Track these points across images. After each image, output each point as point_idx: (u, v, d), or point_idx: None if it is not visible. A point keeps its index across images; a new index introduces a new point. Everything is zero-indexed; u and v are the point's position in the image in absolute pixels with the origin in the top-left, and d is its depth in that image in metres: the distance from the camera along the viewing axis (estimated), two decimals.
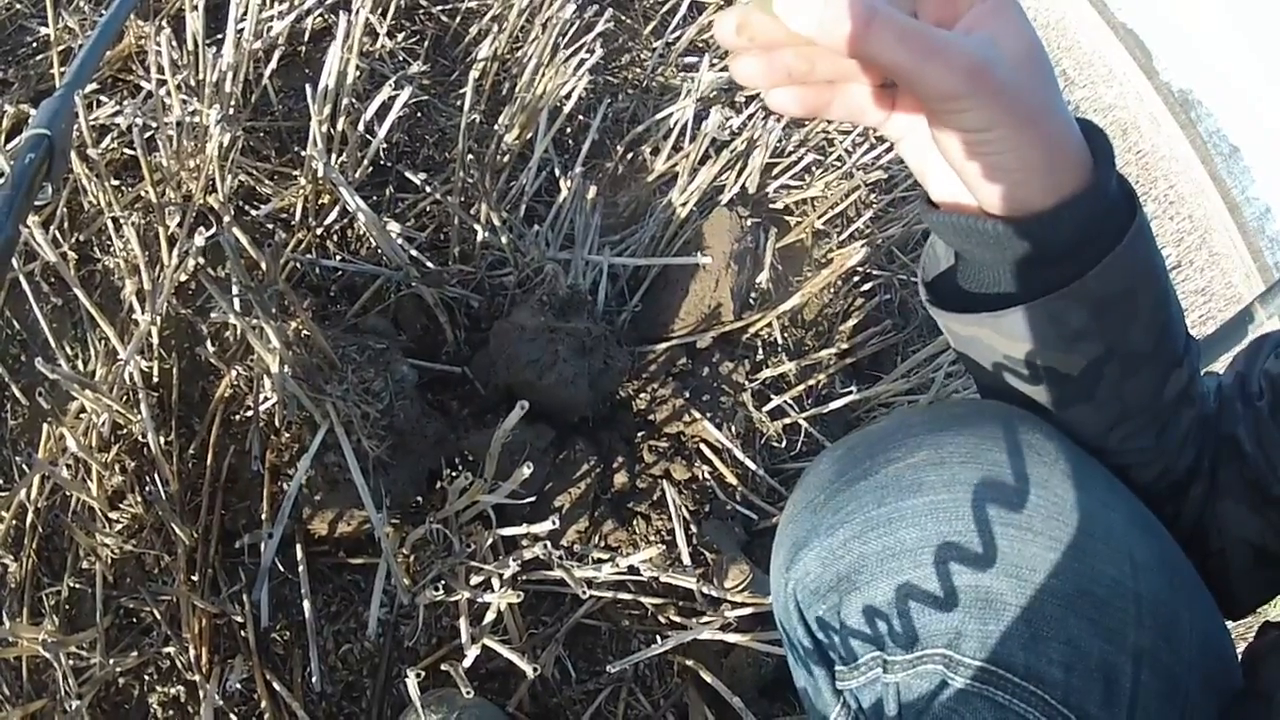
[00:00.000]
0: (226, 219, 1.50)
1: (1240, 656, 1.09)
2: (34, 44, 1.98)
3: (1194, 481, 1.12)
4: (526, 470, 1.27)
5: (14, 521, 1.48)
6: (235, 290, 1.59)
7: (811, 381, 2.31)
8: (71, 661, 1.38)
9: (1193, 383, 1.06)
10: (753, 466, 2.08)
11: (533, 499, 1.72)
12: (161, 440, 1.58)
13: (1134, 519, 1.04)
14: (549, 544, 1.49)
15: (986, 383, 1.09)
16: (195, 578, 1.54)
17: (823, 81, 0.86)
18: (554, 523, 1.37)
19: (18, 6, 1.99)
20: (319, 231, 1.94)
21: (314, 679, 1.51)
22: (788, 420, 2.23)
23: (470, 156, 2.11)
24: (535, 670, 1.36)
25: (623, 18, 3.05)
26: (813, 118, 0.94)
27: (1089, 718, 0.92)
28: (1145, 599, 0.96)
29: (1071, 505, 0.98)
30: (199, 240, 1.46)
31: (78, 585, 1.50)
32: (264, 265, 1.57)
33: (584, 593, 1.43)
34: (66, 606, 1.49)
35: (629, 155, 2.47)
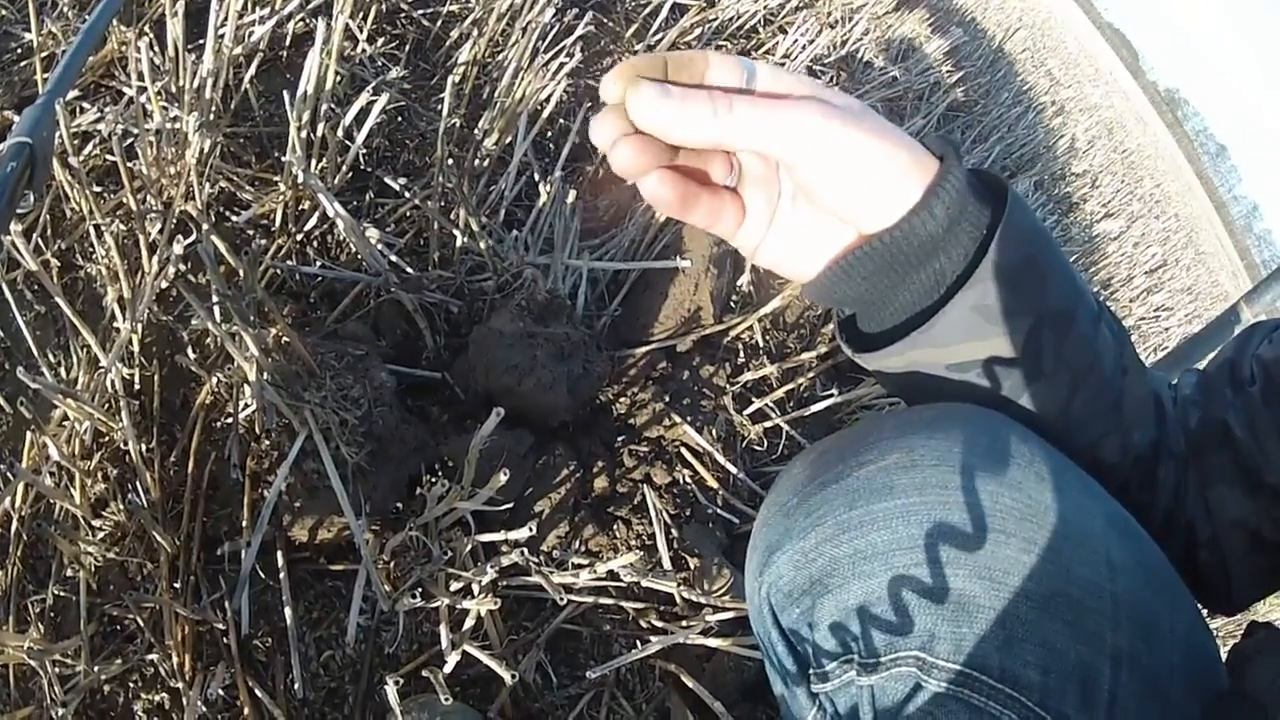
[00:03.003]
0: (205, 227, 1.50)
1: (1226, 657, 1.09)
2: (17, 49, 1.97)
3: (1160, 461, 1.14)
4: (503, 476, 1.27)
5: (0, 529, 1.48)
6: (214, 298, 1.59)
7: (793, 384, 2.32)
8: (57, 669, 1.38)
9: (1124, 351, 1.09)
10: (734, 470, 2.08)
11: (511, 505, 1.73)
12: (143, 448, 1.58)
13: (1111, 521, 1.04)
14: (526, 550, 1.50)
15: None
16: (178, 585, 1.54)
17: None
18: (531, 529, 1.37)
19: (2, 12, 1.99)
20: (299, 237, 1.94)
21: (296, 685, 1.51)
22: (769, 423, 2.24)
23: (450, 161, 2.11)
24: (514, 677, 1.37)
25: (604, 20, 3.06)
26: (680, 219, 0.98)
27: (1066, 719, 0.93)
28: (1123, 600, 0.97)
29: (1046, 507, 0.98)
30: (178, 248, 1.46)
31: (62, 593, 1.50)
32: (242, 273, 1.57)
33: (562, 599, 1.43)
34: (52, 614, 1.49)
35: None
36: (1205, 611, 1.22)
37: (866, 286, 0.99)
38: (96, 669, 1.40)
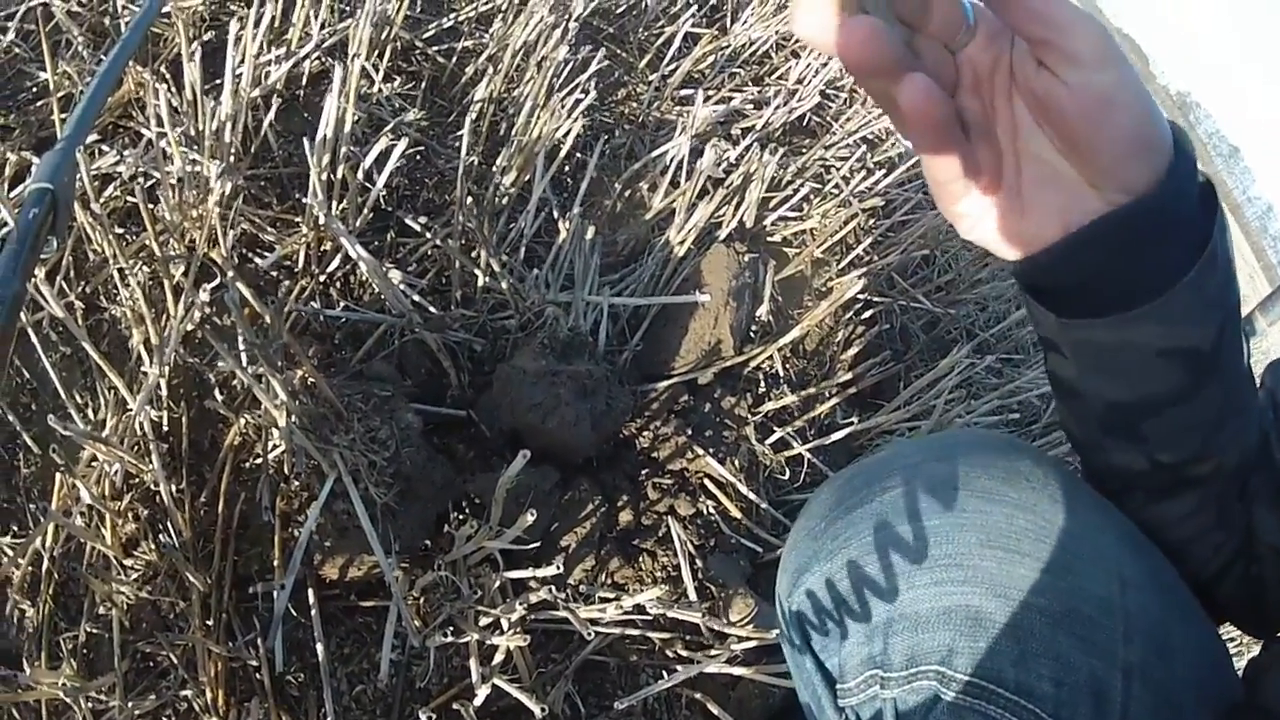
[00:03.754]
0: (230, 274, 1.52)
1: (1243, 669, 1.11)
2: (34, 89, 1.99)
3: (1253, 473, 1.13)
4: (530, 517, 1.29)
5: (30, 568, 1.50)
6: (241, 344, 1.61)
7: (814, 413, 2.33)
8: (91, 705, 1.39)
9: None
10: (756, 500, 2.09)
11: (538, 543, 1.74)
12: (173, 489, 1.60)
13: (1123, 539, 1.07)
14: (554, 586, 1.51)
15: (1124, 395, 1.04)
16: (210, 623, 1.55)
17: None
18: (558, 567, 1.39)
19: (16, 51, 2.01)
20: (322, 279, 1.96)
21: None
22: (791, 452, 2.25)
23: (469, 200, 2.13)
24: (543, 710, 1.39)
25: (618, 52, 3.07)
26: (928, 153, 0.90)
27: None
28: (1135, 615, 0.99)
29: (1059, 528, 1.01)
30: (203, 295, 1.49)
31: (95, 630, 1.52)
32: (268, 319, 1.59)
33: (589, 633, 1.45)
34: (85, 651, 1.51)
35: (627, 193, 2.49)
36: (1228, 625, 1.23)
37: (1108, 257, 0.93)
38: (131, 705, 1.42)
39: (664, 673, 1.68)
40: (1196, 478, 1.08)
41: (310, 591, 1.59)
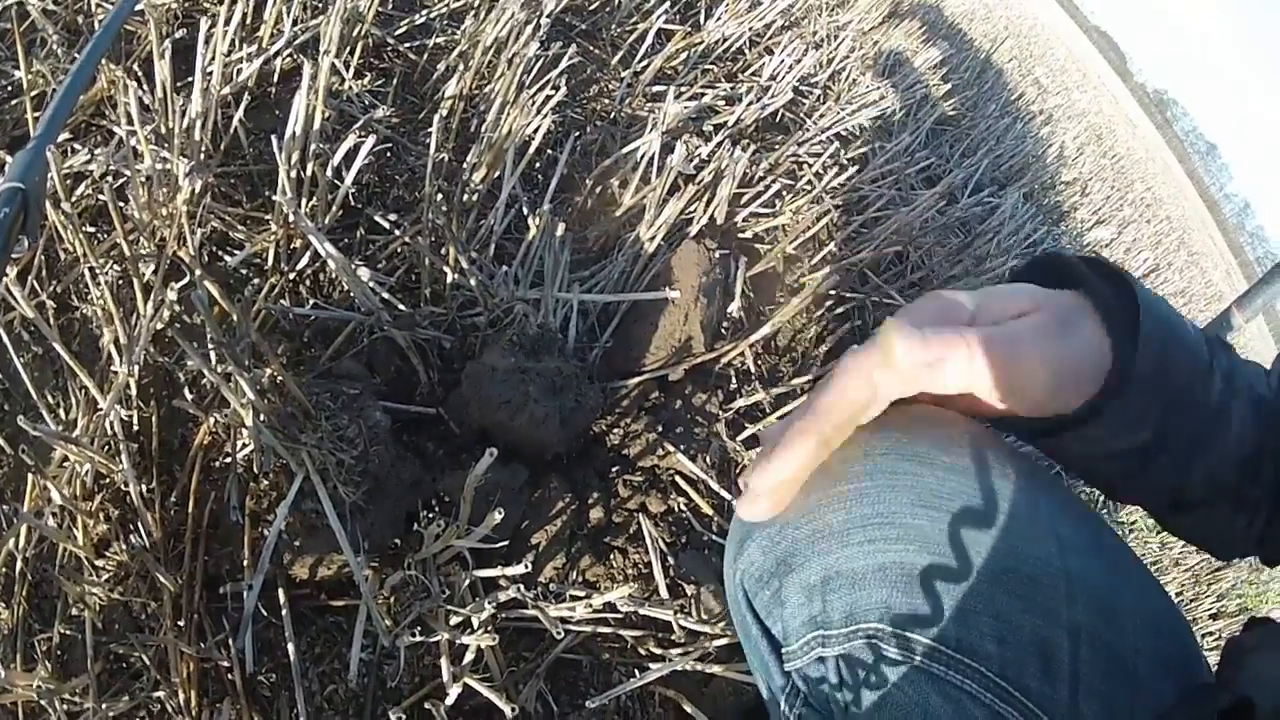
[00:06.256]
0: (198, 273, 1.52)
1: (1222, 649, 1.11)
2: (7, 87, 1.98)
3: (1262, 458, 1.12)
4: (498, 515, 1.29)
5: (4, 570, 1.49)
6: (209, 343, 1.60)
7: (786, 409, 2.33)
8: (66, 707, 1.39)
9: (1232, 381, 1.09)
10: (728, 496, 2.10)
11: (508, 539, 1.74)
12: (143, 489, 1.59)
13: (1060, 505, 1.08)
14: (523, 585, 1.51)
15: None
16: (181, 623, 1.55)
17: None
18: (527, 565, 1.40)
19: None
20: (291, 277, 1.96)
21: None
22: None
23: (439, 197, 2.13)
24: (514, 710, 1.39)
25: (590, 48, 3.07)
26: None
27: (1028, 690, 0.96)
28: (1076, 577, 1.00)
29: (991, 489, 1.03)
30: (172, 294, 1.48)
31: (68, 632, 1.51)
32: (235, 317, 1.59)
33: (559, 631, 1.45)
34: (59, 653, 1.50)
35: (597, 189, 2.49)
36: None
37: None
38: (104, 707, 1.41)
39: (636, 670, 1.69)
40: (1192, 501, 1.12)
41: (280, 591, 1.59)
